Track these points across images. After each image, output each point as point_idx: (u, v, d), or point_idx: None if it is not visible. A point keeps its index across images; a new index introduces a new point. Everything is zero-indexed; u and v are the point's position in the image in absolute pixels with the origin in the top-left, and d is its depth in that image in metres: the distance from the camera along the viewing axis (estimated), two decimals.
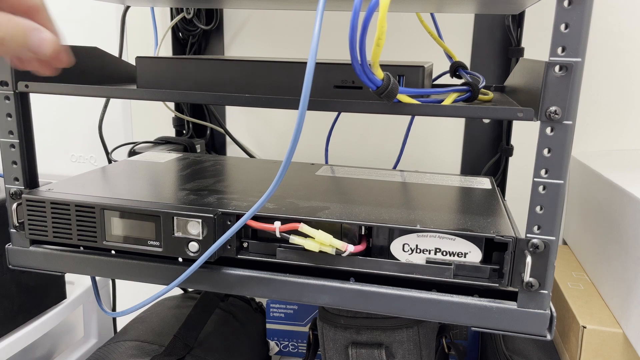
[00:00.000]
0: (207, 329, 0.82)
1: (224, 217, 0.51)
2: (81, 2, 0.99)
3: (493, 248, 0.47)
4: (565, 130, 0.42)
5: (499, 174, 0.89)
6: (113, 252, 0.54)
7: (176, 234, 0.51)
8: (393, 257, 0.49)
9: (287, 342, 0.96)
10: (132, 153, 0.87)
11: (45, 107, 1.03)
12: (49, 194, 0.55)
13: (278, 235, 0.49)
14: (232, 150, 1.04)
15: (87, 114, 1.01)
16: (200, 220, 0.50)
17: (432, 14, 0.70)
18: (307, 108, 0.48)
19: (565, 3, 0.39)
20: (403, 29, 0.83)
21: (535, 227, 0.44)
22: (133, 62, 0.57)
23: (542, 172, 0.43)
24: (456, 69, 0.60)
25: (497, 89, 0.71)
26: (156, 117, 1.02)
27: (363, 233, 0.49)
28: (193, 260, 0.48)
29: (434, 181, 0.66)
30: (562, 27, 0.40)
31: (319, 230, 0.48)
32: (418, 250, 0.48)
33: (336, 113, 0.80)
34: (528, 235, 0.44)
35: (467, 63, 0.88)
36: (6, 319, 0.71)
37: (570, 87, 0.41)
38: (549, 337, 0.46)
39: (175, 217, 0.50)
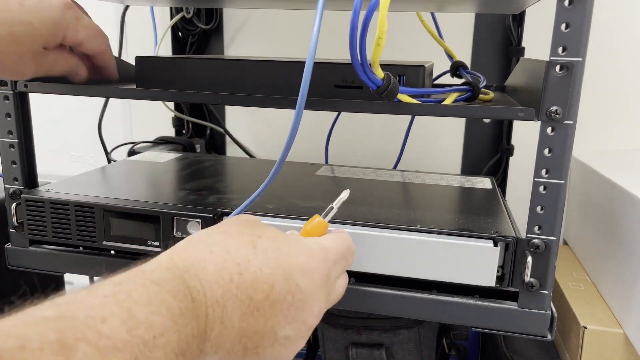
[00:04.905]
0: None
1: (223, 217, 0.50)
2: (81, 1, 0.99)
3: None
4: (566, 130, 0.41)
5: (500, 174, 0.88)
6: (113, 252, 0.54)
7: (176, 234, 0.51)
8: None
9: None
10: (131, 153, 0.86)
11: (45, 107, 1.03)
12: (49, 193, 0.55)
13: None
14: (232, 150, 1.04)
15: (87, 113, 1.00)
16: (200, 220, 0.50)
17: (432, 14, 0.69)
18: (308, 108, 0.48)
19: (566, 3, 0.39)
20: (403, 29, 0.83)
21: (536, 227, 0.44)
22: (133, 62, 0.57)
23: (543, 172, 0.43)
24: (457, 68, 0.60)
25: (498, 88, 0.71)
26: (156, 117, 1.02)
27: None
28: None
29: (434, 181, 0.66)
30: (563, 26, 0.40)
31: None
32: None
33: (336, 113, 0.80)
34: (529, 235, 0.44)
35: (468, 63, 0.88)
36: None
37: (571, 87, 0.40)
38: (549, 337, 0.46)
39: (174, 217, 0.50)
